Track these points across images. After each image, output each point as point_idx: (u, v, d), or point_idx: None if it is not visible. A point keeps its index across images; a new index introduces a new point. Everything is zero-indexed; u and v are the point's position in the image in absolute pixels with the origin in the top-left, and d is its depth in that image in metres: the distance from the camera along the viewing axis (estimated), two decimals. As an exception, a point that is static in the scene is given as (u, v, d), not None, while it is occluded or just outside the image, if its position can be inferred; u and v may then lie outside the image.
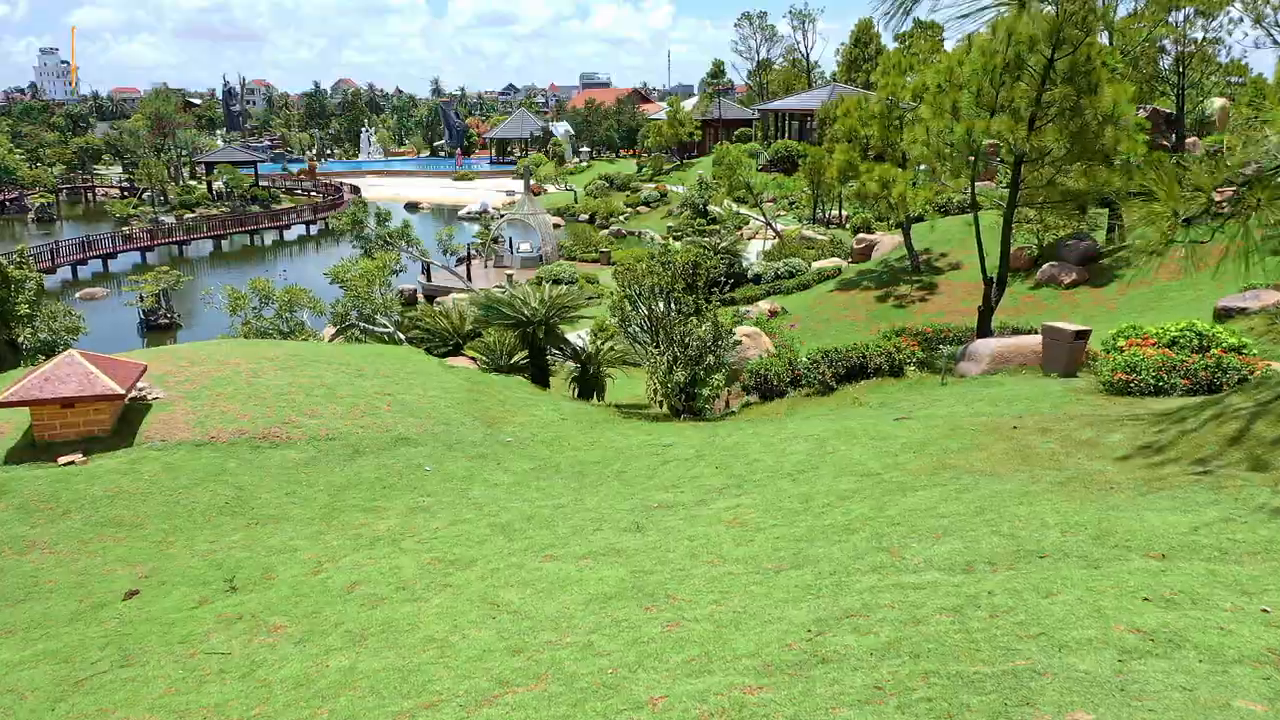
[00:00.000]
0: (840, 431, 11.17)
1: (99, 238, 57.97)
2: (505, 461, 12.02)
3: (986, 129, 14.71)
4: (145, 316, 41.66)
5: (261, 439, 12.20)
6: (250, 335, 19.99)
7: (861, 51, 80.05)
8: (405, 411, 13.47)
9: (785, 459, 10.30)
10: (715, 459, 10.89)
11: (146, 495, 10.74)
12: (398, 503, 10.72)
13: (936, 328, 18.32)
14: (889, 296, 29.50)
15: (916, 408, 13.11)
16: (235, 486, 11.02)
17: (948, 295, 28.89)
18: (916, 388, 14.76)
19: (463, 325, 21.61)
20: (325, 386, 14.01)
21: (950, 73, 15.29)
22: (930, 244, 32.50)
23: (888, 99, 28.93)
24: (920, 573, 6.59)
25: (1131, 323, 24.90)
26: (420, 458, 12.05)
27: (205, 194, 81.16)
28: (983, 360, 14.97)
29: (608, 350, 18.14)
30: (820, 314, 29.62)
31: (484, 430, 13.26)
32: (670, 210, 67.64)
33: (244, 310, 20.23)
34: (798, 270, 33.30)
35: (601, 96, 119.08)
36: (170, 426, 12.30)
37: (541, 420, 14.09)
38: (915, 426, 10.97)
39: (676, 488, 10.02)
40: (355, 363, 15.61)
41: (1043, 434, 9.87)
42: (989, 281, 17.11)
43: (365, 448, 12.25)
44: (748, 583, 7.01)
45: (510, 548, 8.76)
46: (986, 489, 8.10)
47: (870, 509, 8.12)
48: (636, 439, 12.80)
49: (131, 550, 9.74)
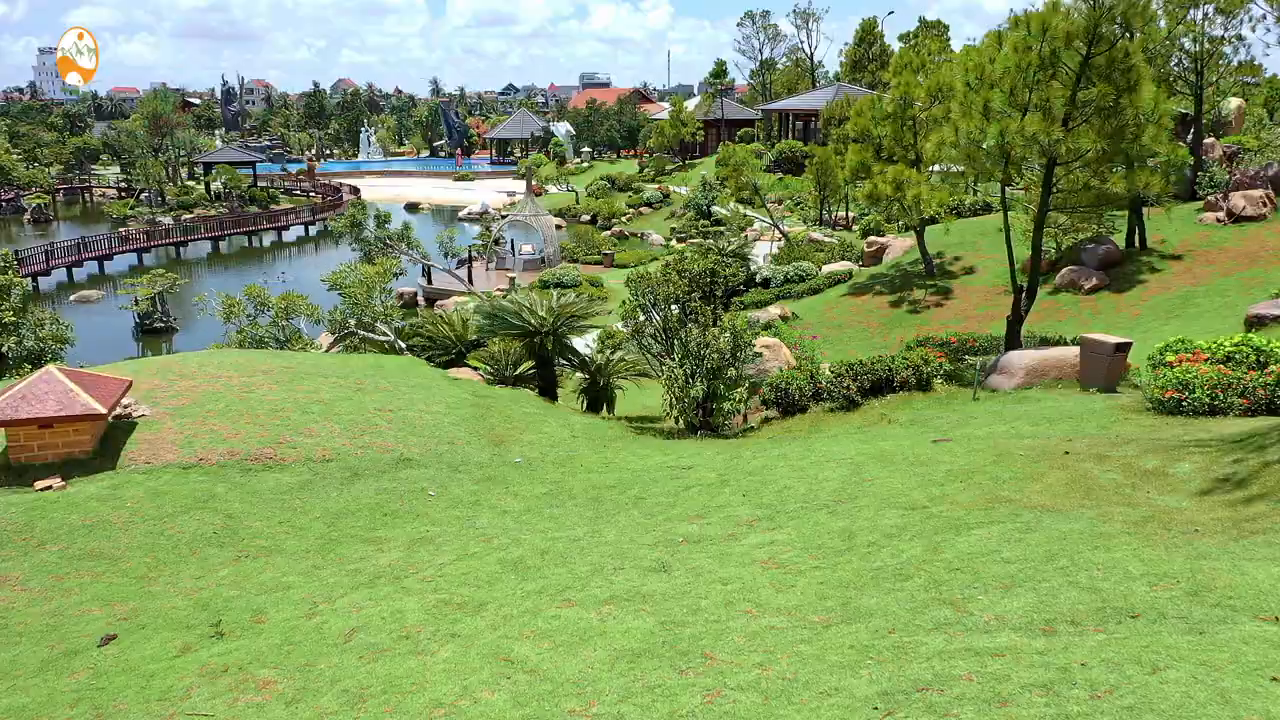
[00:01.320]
0: (875, 455, 10.39)
1: (94, 239, 57.14)
2: (514, 485, 11.24)
3: (1021, 129, 13.94)
4: (140, 320, 40.86)
5: (254, 461, 11.42)
6: (245, 344, 19.22)
7: (865, 51, 79.30)
8: (407, 429, 12.69)
9: (819, 487, 9.52)
10: (741, 485, 10.12)
11: (129, 524, 9.95)
12: (399, 532, 9.94)
13: (962, 337, 17.56)
14: (903, 302, 28.72)
15: (951, 426, 12.34)
16: (225, 514, 10.24)
17: (964, 300, 28.13)
18: (947, 403, 13.98)
19: (466, 333, 20.84)
20: (322, 402, 13.23)
21: (981, 71, 14.52)
22: (943, 247, 31.74)
23: (901, 98, 28.16)
24: (993, 633, 5.82)
25: (1153, 329, 24.21)
26: (423, 481, 11.27)
27: (203, 194, 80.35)
28: (1016, 374, 14.19)
29: (618, 361, 17.36)
30: (832, 319, 28.85)
31: (491, 450, 12.48)
32: (673, 211, 66.88)
33: (238, 318, 19.45)
34: (808, 274, 32.52)
35: (602, 96, 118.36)
36: (156, 447, 11.52)
37: (551, 438, 13.31)
38: (957, 450, 10.19)
39: (702, 519, 9.24)
40: (354, 375, 14.82)
41: (1100, 461, 9.09)
42: (1018, 290, 16.34)
43: (364, 470, 11.47)
44: (794, 640, 6.23)
45: (524, 589, 7.98)
46: (1052, 528, 7.32)
47: (923, 550, 7.35)
48: (654, 460, 12.02)
49: (110, 587, 8.95)
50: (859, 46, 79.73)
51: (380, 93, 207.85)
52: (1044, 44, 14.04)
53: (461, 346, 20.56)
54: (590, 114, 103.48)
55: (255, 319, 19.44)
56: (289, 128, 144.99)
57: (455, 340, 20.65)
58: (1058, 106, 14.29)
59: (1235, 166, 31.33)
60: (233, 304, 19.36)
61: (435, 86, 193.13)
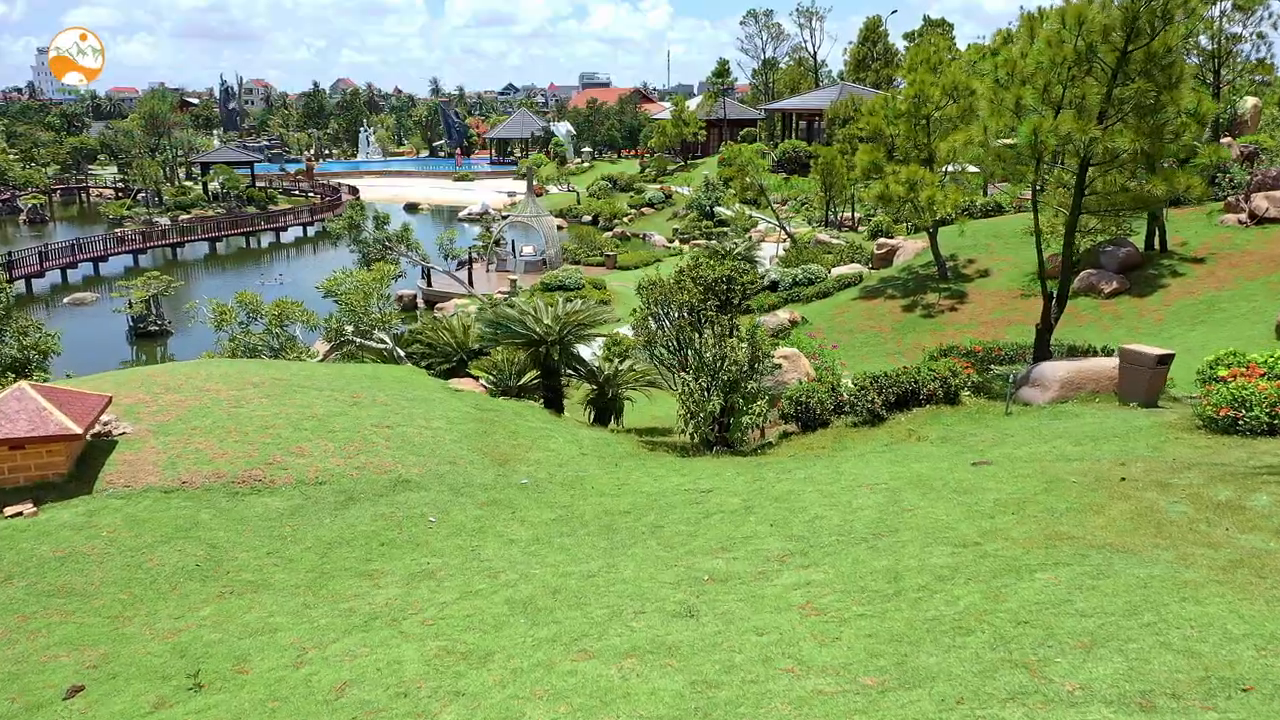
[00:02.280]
0: (912, 480, 9.61)
1: (89, 240, 56.34)
2: (521, 510, 10.46)
3: (1054, 128, 13.16)
4: (134, 323, 40.06)
5: (241, 483, 10.64)
6: (237, 352, 18.44)
7: (870, 50, 78.52)
8: (406, 448, 11.91)
9: (854, 517, 8.74)
10: (768, 513, 9.33)
11: (104, 557, 9.17)
12: (398, 564, 9.16)
13: (987, 346, 16.78)
14: (916, 306, 27.94)
15: (987, 445, 11.56)
16: (208, 544, 9.46)
17: (979, 304, 27.35)
18: (978, 418, 13.20)
19: (467, 340, 20.07)
20: (316, 418, 12.44)
21: (1013, 66, 13.74)
22: (955, 249, 30.94)
23: (915, 96, 27.38)
24: (1082, 707, 5.04)
25: (1178, 335, 23.42)
26: (423, 505, 10.49)
27: (201, 195, 79.53)
28: (1050, 387, 13.42)
29: (626, 370, 16.58)
30: (843, 324, 28.08)
31: (495, 470, 11.70)
32: (675, 212, 66.14)
33: (230, 325, 18.65)
34: (817, 277, 31.75)
35: (602, 96, 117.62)
36: (136, 469, 10.74)
37: (559, 456, 12.53)
38: (1001, 475, 9.41)
39: (728, 552, 8.46)
40: (349, 388, 14.04)
41: (1163, 490, 8.32)
42: (1048, 298, 15.56)
43: (360, 493, 10.69)
44: (847, 709, 5.45)
45: (534, 635, 7.20)
46: (1127, 574, 6.55)
47: (982, 597, 6.57)
48: (670, 481, 11.24)
49: (81, 629, 8.18)
50: (863, 45, 78.99)
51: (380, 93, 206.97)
52: (1079, 38, 13.26)
53: (463, 354, 19.79)
54: (591, 114, 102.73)
55: (248, 327, 18.65)
56: (288, 127, 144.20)
57: (456, 347, 19.88)
58: (1093, 104, 13.51)
59: (1255, 166, 30.56)
60: (224, 312, 18.57)
61: (435, 86, 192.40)
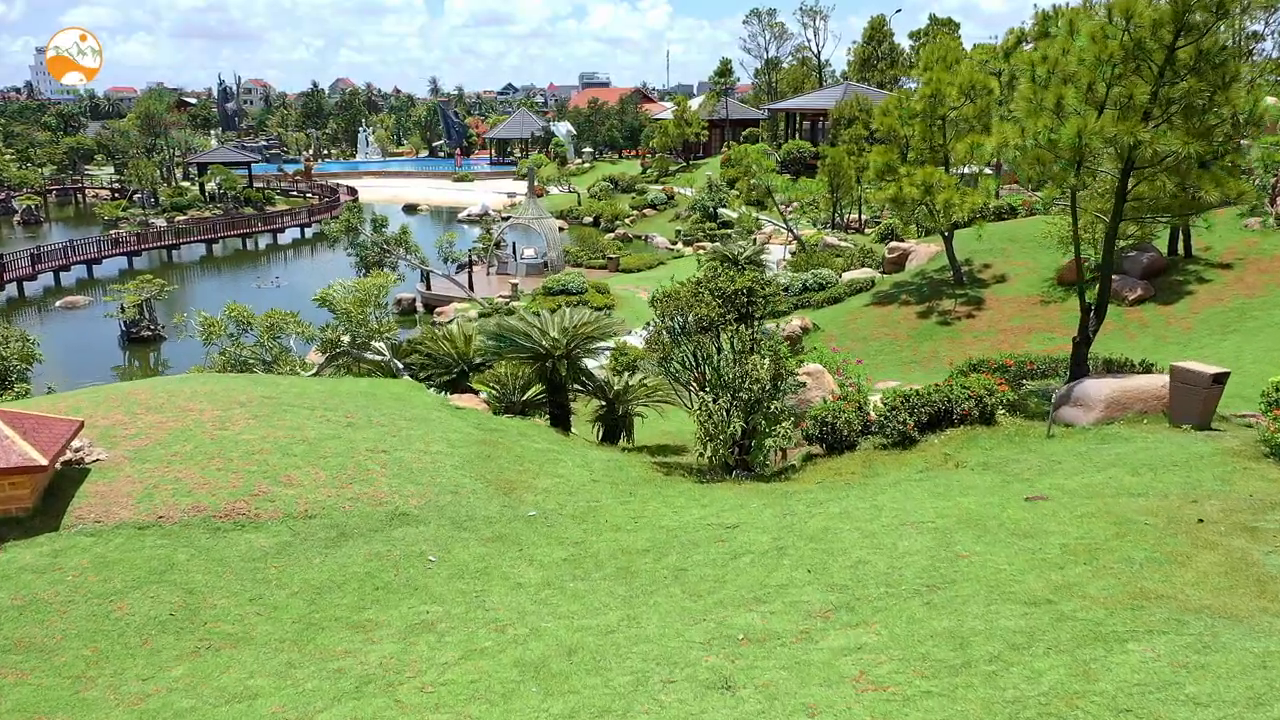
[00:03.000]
0: (961, 518, 8.71)
1: (82, 242, 55.39)
2: (529, 547, 9.56)
3: (1100, 129, 12.26)
4: (126, 328, 39.13)
5: (223, 517, 9.74)
6: (228, 365, 17.54)
7: (875, 49, 77.64)
8: (404, 475, 11.00)
9: (902, 563, 7.84)
10: (803, 555, 8.44)
11: (68, 604, 8.27)
12: (394, 613, 8.26)
13: (1018, 360, 15.88)
14: (931, 312, 27.05)
15: (1034, 473, 10.66)
16: (185, 589, 8.56)
17: (997, 311, 26.45)
18: (1018, 441, 12.30)
19: (468, 350, 19.19)
20: (306, 441, 11.54)
21: (1054, 64, 12.84)
22: (971, 254, 30.02)
23: (931, 96, 26.48)
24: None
25: (1209, 345, 22.50)
26: (423, 542, 9.59)
27: (198, 196, 78.60)
28: (1094, 406, 12.52)
29: (637, 386, 15.68)
30: (856, 331, 27.19)
31: (500, 500, 10.79)
32: (678, 213, 65.28)
33: (219, 338, 17.73)
34: (828, 282, 30.84)
35: (602, 96, 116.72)
36: (109, 501, 9.84)
37: (569, 483, 11.63)
38: (1061, 514, 8.52)
39: (762, 604, 7.57)
40: (343, 407, 13.14)
41: (1251, 536, 7.43)
42: (1086, 309, 14.66)
43: (353, 529, 9.79)
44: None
45: (549, 710, 6.30)
46: (1239, 648, 5.66)
47: (1068, 673, 5.68)
48: (690, 514, 10.34)
49: (38, 692, 7.28)
50: (868, 45, 78.09)
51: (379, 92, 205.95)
52: (1126, 33, 12.38)
53: (464, 365, 18.92)
54: (592, 113, 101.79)
55: (238, 339, 17.74)
56: (286, 127, 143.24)
57: (457, 358, 19.00)
58: (1140, 104, 12.61)
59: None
60: (212, 325, 17.65)
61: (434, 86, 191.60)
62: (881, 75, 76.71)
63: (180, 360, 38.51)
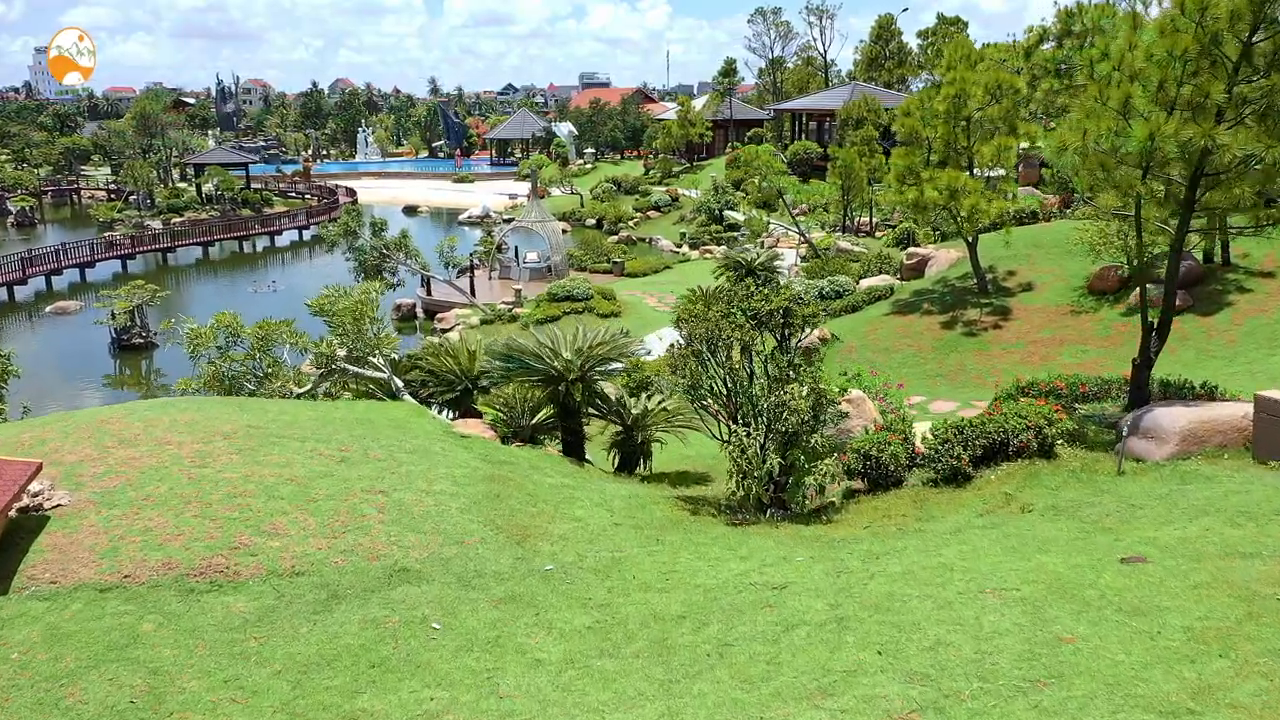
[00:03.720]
0: (1050, 585, 7.52)
1: (75, 245, 54.15)
2: (547, 611, 8.36)
3: (1175, 132, 11.08)
4: (117, 336, 37.90)
5: (198, 576, 8.54)
6: (216, 382, 16.34)
7: (882, 49, 76.42)
8: (403, 522, 9.81)
9: (992, 647, 6.64)
10: (868, 630, 7.24)
11: (10, 690, 7.07)
12: (392, 700, 7.06)
13: (1069, 381, 14.68)
14: (956, 322, 25.85)
15: (1113, 521, 9.47)
16: (149, 669, 7.36)
17: (1025, 321, 25.25)
18: (1085, 479, 11.11)
19: (472, 365, 18.01)
20: (295, 481, 10.35)
21: (1120, 59, 11.66)
22: (994, 261, 28.83)
23: (956, 96, 25.29)
24: None
25: (1257, 360, 21.29)
26: (425, 604, 8.40)
27: (194, 197, 77.37)
28: (1168, 439, 11.33)
29: (657, 410, 14.49)
30: (876, 342, 26.00)
31: (512, 550, 9.60)
32: (682, 215, 64.11)
33: (208, 349, 16.53)
34: (845, 289, 29.65)
35: (603, 96, 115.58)
36: (68, 557, 8.64)
37: (588, 527, 10.43)
38: (1170, 583, 7.32)
39: (829, 696, 6.37)
40: (337, 438, 11.94)
41: None
42: (1148, 328, 13.47)
43: (347, 588, 8.59)
44: None
45: None
46: None
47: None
48: (728, 568, 9.14)
49: (-34, 808, 6.10)
50: (875, 44, 76.86)
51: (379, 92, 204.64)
52: (1200, 26, 11.19)
53: (467, 382, 17.74)
54: (594, 114, 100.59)
55: (227, 351, 16.55)
56: (285, 128, 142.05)
57: (460, 375, 17.82)
58: (1216, 103, 11.43)
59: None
60: (199, 335, 16.45)
61: (433, 86, 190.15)
62: (889, 75, 75.51)
63: (174, 369, 37.29)
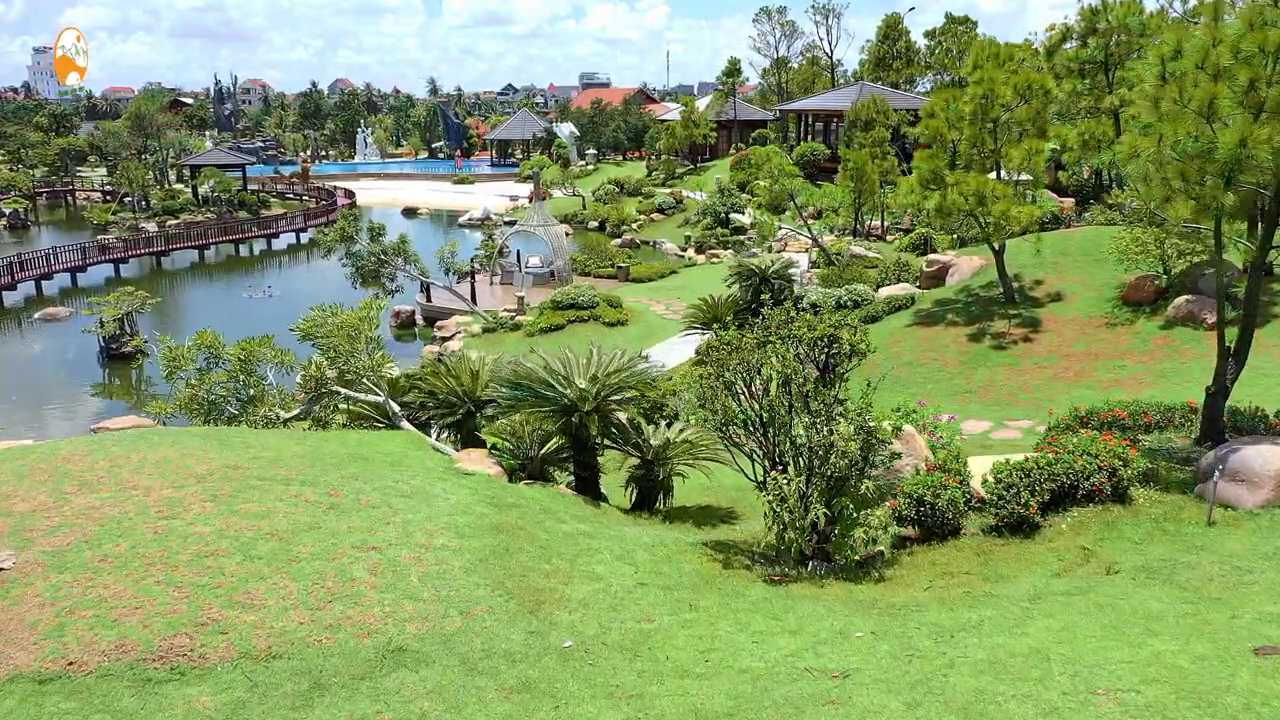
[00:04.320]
0: (1174, 685, 6.25)
1: (66, 249, 52.82)
2: (568, 703, 7.08)
3: (1269, 138, 9.82)
4: (106, 344, 36.62)
5: (157, 661, 7.27)
6: (195, 405, 15.06)
7: (890, 48, 75.13)
8: (399, 587, 8.53)
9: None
10: (961, 743, 5.95)
11: (-83, 822, 5.81)
12: (383, 833, 5.79)
13: (1132, 409, 13.40)
14: (983, 335, 24.57)
15: (1218, 586, 8.20)
16: (90, 789, 6.09)
17: (1057, 334, 23.97)
18: (1170, 530, 9.85)
19: (475, 386, 16.76)
20: (276, 536, 9.08)
21: (1203, 56, 10.41)
22: (1019, 269, 27.56)
23: (983, 97, 24.02)
24: None
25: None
26: (424, 696, 7.12)
27: (190, 199, 76.03)
28: (1262, 484, 10.07)
29: (679, 442, 13.18)
30: (899, 355, 24.72)
31: (525, 622, 8.31)
32: (687, 218, 62.88)
33: (186, 370, 15.25)
34: (863, 299, 28.37)
35: (604, 96, 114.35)
36: (5, 638, 7.37)
37: (611, 590, 9.15)
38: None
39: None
40: (326, 479, 10.67)
41: None
42: (1224, 353, 12.20)
43: (331, 676, 7.32)
44: None
45: None
46: None
47: None
48: (776, 647, 7.86)
49: None
50: (883, 43, 75.57)
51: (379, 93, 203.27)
52: (1299, 18, 9.95)
53: (470, 404, 16.48)
54: (595, 114, 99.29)
55: (207, 373, 15.27)
56: (284, 128, 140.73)
57: (462, 397, 16.56)
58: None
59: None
60: (176, 355, 15.16)
61: (433, 86, 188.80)
62: (897, 75, 74.22)
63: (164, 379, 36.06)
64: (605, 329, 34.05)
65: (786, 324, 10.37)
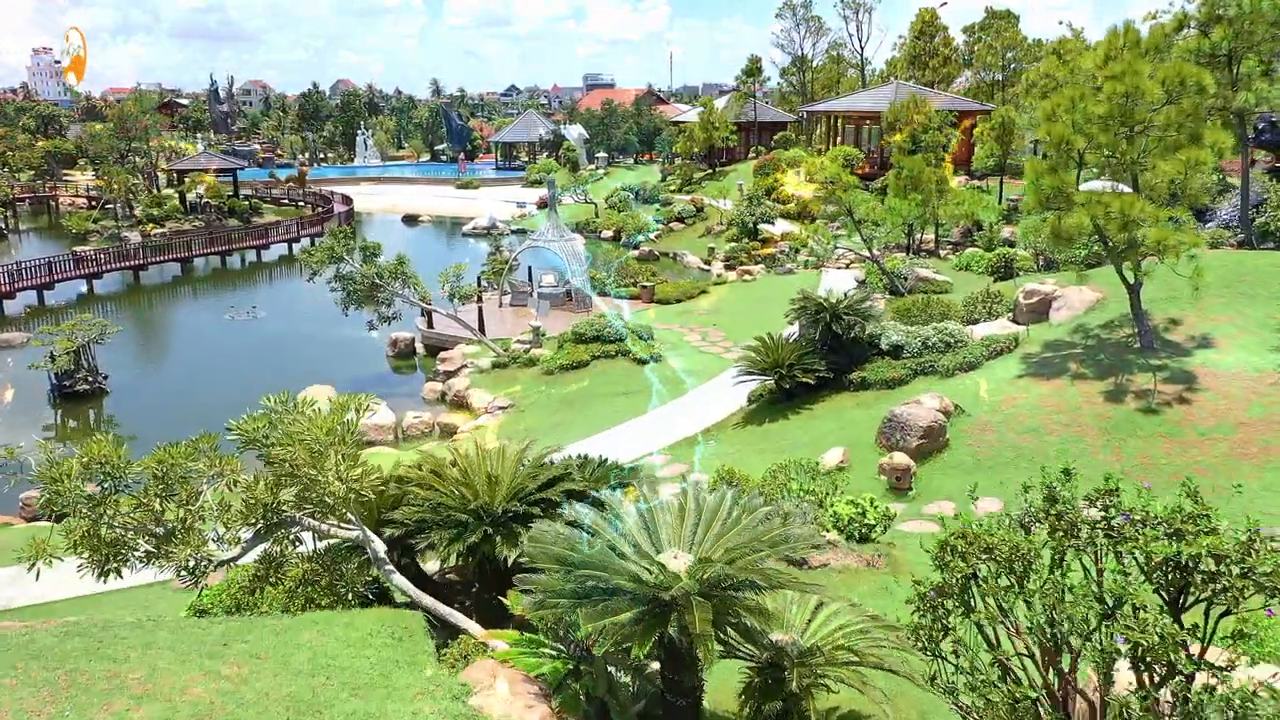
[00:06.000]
0: None
1: (31, 264, 47.82)
2: None
3: None
4: (58, 381, 31.72)
5: None
6: (89, 548, 10.21)
7: (925, 45, 70.15)
8: None
9: None
10: None
11: None
12: None
13: None
14: (1123, 393, 19.64)
15: None
16: None
17: (1219, 394, 19.00)
18: None
19: (493, 493, 12.01)
20: None
21: None
22: (1147, 304, 22.62)
23: (1125, 95, 19.12)
24: None
25: None
26: None
27: (177, 206, 71.15)
28: None
29: (831, 641, 8.19)
30: (1018, 418, 19.76)
31: None
32: (709, 228, 57.94)
33: (71, 496, 10.34)
34: (957, 339, 23.42)
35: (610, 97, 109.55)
36: None
37: None
38: None
39: None
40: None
41: None
42: None
43: None
44: None
45: None
46: None
47: None
48: None
49: None
50: (918, 40, 70.59)
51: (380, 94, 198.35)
52: None
53: (486, 524, 11.71)
54: (605, 116, 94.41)
55: (104, 501, 10.45)
56: (282, 130, 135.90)
57: (476, 515, 11.80)
58: None
59: None
60: (59, 475, 10.30)
61: (435, 87, 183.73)
62: (934, 74, 69.24)
63: (129, 419, 31.08)
64: (636, 367, 29.23)
65: (1139, 529, 5.47)
